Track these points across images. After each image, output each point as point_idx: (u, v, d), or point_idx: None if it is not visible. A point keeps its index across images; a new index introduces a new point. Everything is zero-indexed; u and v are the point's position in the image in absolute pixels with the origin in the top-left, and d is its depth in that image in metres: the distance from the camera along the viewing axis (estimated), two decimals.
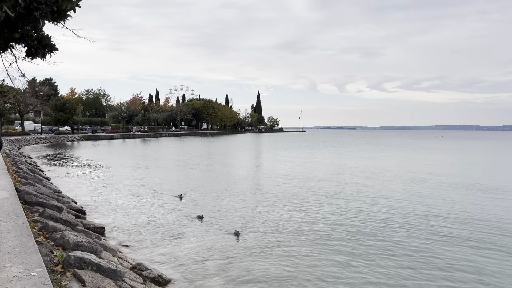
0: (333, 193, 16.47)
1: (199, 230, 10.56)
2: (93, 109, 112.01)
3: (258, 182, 20.19)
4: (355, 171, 25.37)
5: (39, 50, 8.33)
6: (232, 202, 14.47)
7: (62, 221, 8.49)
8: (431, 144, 76.33)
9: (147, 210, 12.86)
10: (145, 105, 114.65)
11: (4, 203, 8.32)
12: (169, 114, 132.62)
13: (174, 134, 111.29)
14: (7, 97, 52.68)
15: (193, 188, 17.41)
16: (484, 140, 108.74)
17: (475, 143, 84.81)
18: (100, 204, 13.80)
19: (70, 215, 10.51)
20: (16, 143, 45.17)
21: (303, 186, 18.56)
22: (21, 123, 63.18)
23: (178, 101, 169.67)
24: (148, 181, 19.52)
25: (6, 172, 14.06)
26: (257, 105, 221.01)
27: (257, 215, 12.40)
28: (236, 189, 17.55)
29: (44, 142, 55.91)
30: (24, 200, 9.59)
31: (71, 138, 65.48)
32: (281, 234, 10.16)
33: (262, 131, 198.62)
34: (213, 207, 13.45)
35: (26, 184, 12.28)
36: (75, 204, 12.42)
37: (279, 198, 15.38)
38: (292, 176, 22.16)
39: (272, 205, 13.99)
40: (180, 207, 13.42)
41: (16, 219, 6.98)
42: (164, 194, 15.79)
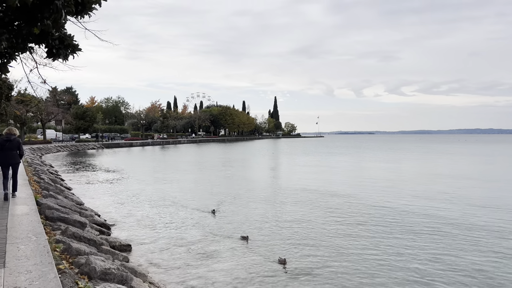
0: (384, 209, 14.89)
1: (237, 250, 9.38)
2: (112, 117, 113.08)
3: (294, 194, 17.96)
4: (402, 180, 24.03)
5: (61, 51, 7.48)
6: (270, 218, 13.00)
7: (86, 240, 7.66)
8: (457, 148, 73.81)
9: (175, 225, 11.97)
10: (164, 112, 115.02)
11: (24, 220, 7.55)
12: (187, 121, 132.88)
13: (193, 141, 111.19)
14: (29, 106, 53.13)
15: (223, 200, 16.11)
16: (510, 144, 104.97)
17: (502, 147, 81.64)
18: (124, 217, 13.00)
19: (94, 230, 9.71)
20: (38, 151, 45.31)
21: (345, 197, 17.00)
22: (43, 131, 63.77)
23: (196, 108, 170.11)
24: (172, 192, 18.69)
25: (27, 183, 13.44)
26: (274, 111, 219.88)
27: (304, 235, 10.82)
28: (272, 201, 16.12)
29: (65, 150, 56.15)
30: (45, 215, 8.83)
31: (92, 146, 65.74)
32: (334, 262, 8.66)
33: (280, 137, 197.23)
34: (251, 225, 12.00)
35: (48, 196, 11.59)
36: (98, 218, 11.65)
37: (324, 213, 13.69)
38: (328, 187, 20.38)
39: (318, 222, 12.32)
40: (214, 223, 12.17)
41: (36, 241, 6.15)
42: (193, 208, 14.51)
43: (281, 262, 8.38)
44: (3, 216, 7.88)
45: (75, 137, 75.73)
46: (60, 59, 7.56)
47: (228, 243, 9.99)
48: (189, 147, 77.65)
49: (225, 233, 10.96)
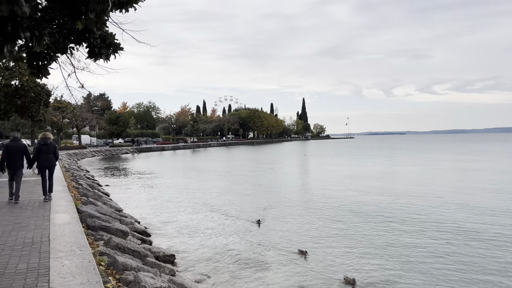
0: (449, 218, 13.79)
1: (293, 265, 8.48)
2: (144, 121, 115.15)
3: (342, 201, 16.49)
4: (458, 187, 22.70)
5: (103, 50, 7.01)
6: (324, 229, 11.64)
7: (130, 252, 7.18)
8: (499, 148, 70.23)
9: (217, 233, 11.41)
10: (194, 116, 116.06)
11: (66, 230, 7.16)
12: (216, 124, 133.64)
13: (222, 144, 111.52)
14: (65, 112, 54.52)
15: (264, 207, 15.19)
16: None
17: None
18: (163, 223, 12.59)
19: (136, 239, 9.29)
20: (74, 156, 46.31)
21: (400, 204, 15.73)
22: (78, 137, 65.40)
23: (224, 111, 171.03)
24: (209, 197, 18.21)
25: (66, 189, 13.29)
26: (303, 113, 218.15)
27: (368, 249, 9.63)
28: (320, 210, 14.59)
29: (99, 155, 57.26)
30: (86, 224, 8.46)
31: (125, 151, 66.84)
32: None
33: (308, 139, 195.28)
34: (304, 237, 10.83)
35: (87, 203, 11.31)
36: (138, 225, 11.26)
37: (383, 222, 12.51)
38: (377, 192, 18.87)
39: (378, 233, 11.08)
40: (260, 233, 11.32)
41: (80, 254, 5.69)
42: (233, 216, 13.74)
43: (349, 282, 7.38)
44: (45, 225, 7.54)
45: (109, 142, 77.33)
46: (101, 59, 7.13)
47: (281, 256, 9.10)
48: (219, 150, 77.71)
49: (277, 245, 10.00)
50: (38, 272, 4.95)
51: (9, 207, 9.55)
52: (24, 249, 5.94)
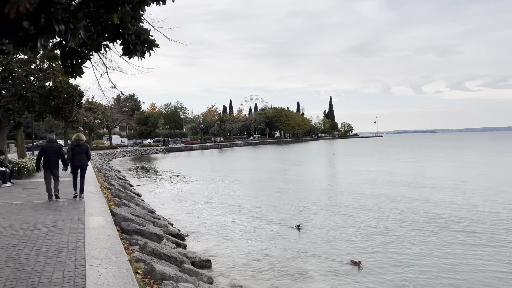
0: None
1: (344, 278, 7.75)
2: (172, 122, 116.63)
3: (387, 205, 15.30)
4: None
5: (138, 47, 6.69)
6: (372, 237, 10.60)
7: (166, 258, 6.87)
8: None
9: (252, 237, 11.01)
10: (221, 116, 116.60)
11: (101, 234, 6.91)
12: (243, 124, 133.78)
13: (249, 143, 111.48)
14: (96, 113, 55.70)
15: (301, 210, 14.51)
16: None
17: None
18: (196, 225, 12.30)
19: (170, 243, 9.00)
20: (105, 156, 47.20)
21: (458, 210, 14.54)
22: (109, 137, 66.80)
23: (251, 110, 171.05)
24: (241, 198, 17.85)
25: (99, 190, 13.23)
26: (330, 111, 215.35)
27: (434, 262, 8.61)
28: (365, 215, 13.44)
29: (130, 155, 58.20)
30: (121, 227, 8.22)
31: (155, 150, 67.74)
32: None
33: (336, 138, 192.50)
34: (354, 245, 9.81)
35: (121, 204, 11.15)
36: (172, 228, 11.01)
37: (442, 230, 11.37)
38: (423, 195, 17.65)
39: (439, 244, 10.03)
40: (299, 239, 10.63)
41: (116, 262, 5.39)
42: (268, 220, 13.09)
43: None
44: (80, 229, 7.33)
45: (139, 142, 78.65)
46: (136, 56, 6.83)
47: (328, 266, 8.31)
48: (246, 150, 77.57)
49: (323, 254, 9.20)
50: (74, 282, 4.67)
51: (44, 209, 9.47)
52: (60, 255, 5.70)
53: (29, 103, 15.93)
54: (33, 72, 16.36)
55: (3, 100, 15.54)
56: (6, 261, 5.45)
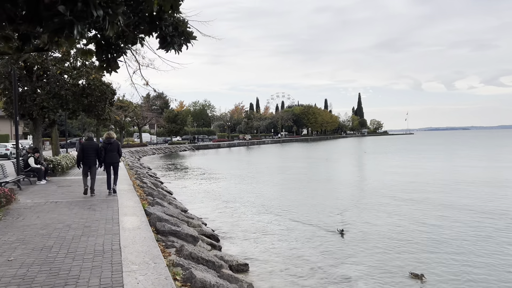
0: None
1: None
2: (200, 119, 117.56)
3: (434, 207, 14.27)
4: None
5: (175, 39, 6.32)
6: (428, 247, 9.45)
7: (204, 262, 6.52)
8: None
9: (288, 239, 10.53)
10: (248, 113, 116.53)
11: (137, 236, 6.62)
12: (270, 121, 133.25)
13: (276, 141, 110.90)
14: (127, 111, 56.60)
15: (339, 211, 13.87)
16: None
17: None
18: (230, 226, 11.94)
19: (205, 244, 8.67)
20: (136, 154, 47.86)
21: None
22: (139, 135, 67.86)
23: (277, 108, 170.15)
24: (274, 198, 17.40)
25: (132, 189, 13.11)
26: (358, 108, 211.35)
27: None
28: (414, 219, 12.25)
29: (159, 153, 58.88)
30: (156, 228, 7.94)
31: (183, 148, 68.34)
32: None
33: (365, 135, 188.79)
34: (408, 257, 8.71)
35: (154, 204, 10.94)
36: (206, 228, 10.70)
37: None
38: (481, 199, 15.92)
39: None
40: (343, 245, 9.73)
41: (154, 268, 5.05)
42: (305, 221, 12.48)
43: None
44: (115, 230, 7.08)
45: (168, 140, 79.59)
46: (173, 50, 6.47)
47: (382, 278, 7.53)
48: (274, 147, 77.08)
49: (374, 264, 8.31)
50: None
51: (78, 208, 9.35)
52: (95, 259, 5.43)
53: (63, 101, 16.05)
54: (67, 70, 16.48)
55: (38, 98, 15.71)
56: (41, 264, 5.22)
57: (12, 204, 9.68)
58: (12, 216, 8.38)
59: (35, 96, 15.80)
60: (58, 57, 16.47)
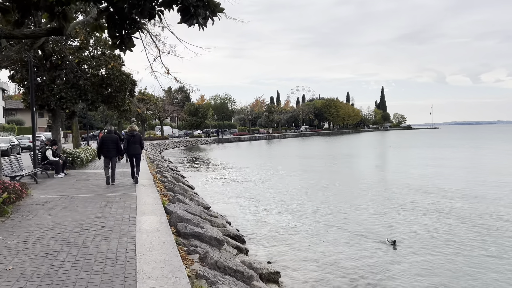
0: None
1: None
2: (221, 113, 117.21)
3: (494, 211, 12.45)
4: None
5: (200, 10, 5.30)
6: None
7: (232, 272, 5.64)
8: None
9: (321, 243, 9.54)
10: (269, 107, 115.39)
11: (155, 241, 5.78)
12: (291, 115, 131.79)
13: (297, 135, 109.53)
14: (148, 104, 56.45)
15: (382, 213, 12.64)
16: None
17: None
18: (255, 225, 11.05)
19: (231, 248, 7.80)
20: (157, 147, 47.63)
21: None
22: (160, 128, 67.83)
23: (298, 101, 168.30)
24: (299, 196, 16.41)
25: (152, 183, 12.38)
26: (381, 101, 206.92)
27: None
28: (476, 227, 10.51)
29: (181, 146, 58.62)
30: (176, 229, 7.11)
31: (204, 141, 67.98)
32: None
33: (388, 129, 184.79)
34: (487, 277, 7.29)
35: (175, 200, 10.14)
36: (230, 227, 9.84)
37: None
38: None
39: None
40: (399, 258, 8.20)
41: (174, 284, 4.18)
42: (340, 225, 11.21)
43: None
44: (131, 232, 6.27)
45: (189, 133, 79.47)
46: (196, 23, 5.50)
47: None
48: (295, 141, 75.86)
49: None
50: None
51: (94, 205, 8.62)
52: (106, 269, 4.61)
53: (81, 91, 15.45)
54: (86, 59, 15.85)
55: (56, 88, 15.14)
56: (43, 276, 4.42)
57: (24, 200, 9.04)
58: (22, 214, 7.71)
59: (53, 86, 15.24)
60: (76, 45, 15.86)
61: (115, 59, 15.85)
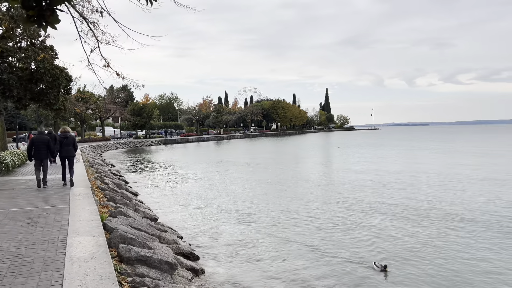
0: None
1: None
2: (167, 113, 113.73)
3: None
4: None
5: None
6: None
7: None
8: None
9: (282, 257, 8.67)
10: (217, 107, 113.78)
11: (89, 275, 4.54)
12: (239, 115, 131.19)
13: (246, 136, 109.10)
14: (88, 103, 52.86)
15: (350, 214, 12.39)
16: None
17: None
18: (210, 239, 9.91)
19: (185, 271, 6.69)
20: (98, 149, 44.57)
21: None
22: (101, 128, 63.97)
23: (246, 102, 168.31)
24: (256, 202, 15.44)
25: (89, 192, 10.84)
26: (326, 103, 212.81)
27: None
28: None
29: (124, 147, 55.56)
30: (118, 253, 5.88)
31: (150, 143, 65.13)
32: None
33: (332, 130, 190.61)
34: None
35: (117, 213, 8.78)
36: (182, 243, 8.65)
37: None
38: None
39: None
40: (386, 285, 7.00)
41: None
42: (303, 240, 9.76)
43: None
44: (58, 262, 4.95)
45: (133, 134, 75.94)
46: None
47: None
48: (244, 142, 75.22)
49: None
50: None
51: (14, 223, 7.06)
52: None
53: (5, 87, 13.38)
54: (10, 50, 13.77)
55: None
56: None
57: None
58: None
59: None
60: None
61: (47, 50, 13.93)
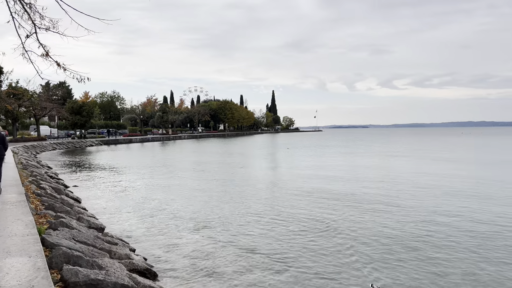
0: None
1: None
2: (108, 112, 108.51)
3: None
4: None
5: None
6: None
7: None
8: (489, 142, 70.44)
9: (250, 267, 8.05)
10: (163, 106, 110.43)
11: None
12: (186, 115, 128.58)
13: (193, 136, 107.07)
14: (21, 100, 48.59)
15: (323, 230, 11.74)
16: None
17: (508, 139, 78.44)
18: (165, 251, 8.97)
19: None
20: (32, 149, 41.04)
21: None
22: (36, 128, 59.26)
23: (193, 102, 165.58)
24: (210, 207, 14.61)
25: (24, 200, 9.52)
26: (272, 105, 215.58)
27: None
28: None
29: (62, 148, 51.81)
30: (63, 278, 4.91)
31: (90, 143, 61.42)
32: None
33: (278, 132, 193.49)
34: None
35: (57, 225, 7.64)
36: (136, 258, 7.67)
37: None
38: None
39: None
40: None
41: None
42: (265, 251, 9.65)
43: None
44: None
45: (71, 134, 71.24)
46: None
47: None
48: (191, 143, 73.58)
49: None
50: None
51: None
52: None
53: None
54: None
55: None
56: None
57: None
58: None
59: None
60: None
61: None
